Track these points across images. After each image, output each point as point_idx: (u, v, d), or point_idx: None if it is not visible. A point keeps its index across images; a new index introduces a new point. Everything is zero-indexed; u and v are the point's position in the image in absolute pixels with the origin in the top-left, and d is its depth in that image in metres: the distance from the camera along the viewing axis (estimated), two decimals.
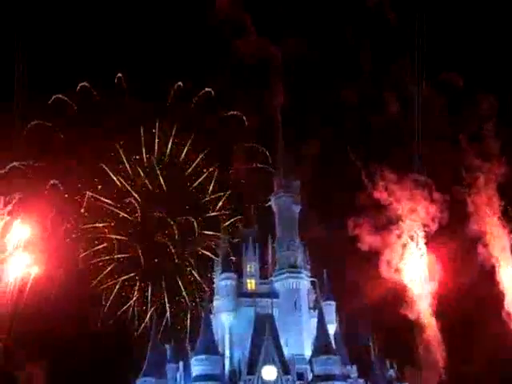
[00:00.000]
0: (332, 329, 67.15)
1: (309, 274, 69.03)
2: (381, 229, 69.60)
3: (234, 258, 69.65)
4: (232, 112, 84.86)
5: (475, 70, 75.87)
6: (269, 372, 61.01)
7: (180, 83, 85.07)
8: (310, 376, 62.64)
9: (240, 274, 68.89)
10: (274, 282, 68.66)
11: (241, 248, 70.82)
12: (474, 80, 75.12)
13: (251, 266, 69.53)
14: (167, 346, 68.56)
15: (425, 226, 70.59)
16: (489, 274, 68.80)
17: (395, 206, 70.79)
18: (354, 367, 65.63)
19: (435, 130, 73.67)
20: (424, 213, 70.52)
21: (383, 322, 70.35)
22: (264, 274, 69.77)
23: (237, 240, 72.82)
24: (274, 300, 66.80)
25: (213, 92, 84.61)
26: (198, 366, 61.82)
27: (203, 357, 61.84)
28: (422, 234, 70.70)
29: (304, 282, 68.28)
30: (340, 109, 78.39)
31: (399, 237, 70.64)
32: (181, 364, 65.40)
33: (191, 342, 66.40)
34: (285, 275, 67.98)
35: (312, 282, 69.29)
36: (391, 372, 66.99)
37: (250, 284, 68.94)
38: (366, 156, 73.71)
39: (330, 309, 68.56)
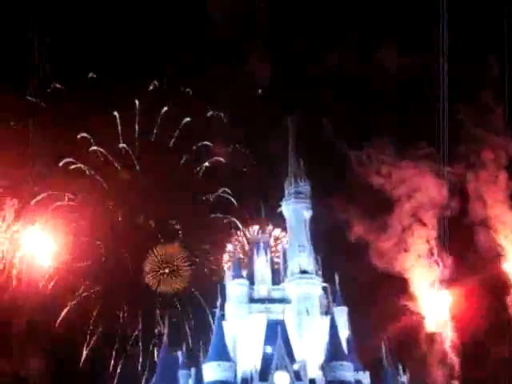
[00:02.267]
0: (344, 334, 66.87)
1: (321, 280, 68.73)
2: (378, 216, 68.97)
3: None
4: (211, 112, 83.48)
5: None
6: (281, 378, 60.86)
7: (156, 82, 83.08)
8: (322, 382, 62.37)
9: (251, 279, 68.78)
10: (286, 287, 68.36)
11: (252, 253, 70.74)
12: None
13: (263, 272, 69.39)
14: (179, 353, 68.46)
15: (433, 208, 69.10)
16: (493, 263, 67.07)
17: (394, 188, 69.66)
18: (367, 373, 65.17)
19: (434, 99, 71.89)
20: (431, 194, 68.78)
21: (395, 324, 70.09)
22: (276, 280, 69.56)
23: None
24: (286, 306, 66.68)
25: (191, 91, 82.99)
26: (209, 372, 61.82)
27: (215, 363, 61.85)
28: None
29: (316, 288, 67.96)
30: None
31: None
32: (193, 370, 65.14)
33: (204, 348, 66.20)
34: (296, 281, 67.71)
35: (324, 288, 69.02)
36: (404, 378, 66.59)
37: (262, 290, 68.68)
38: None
39: (342, 314, 68.34)
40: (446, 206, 68.97)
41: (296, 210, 71.37)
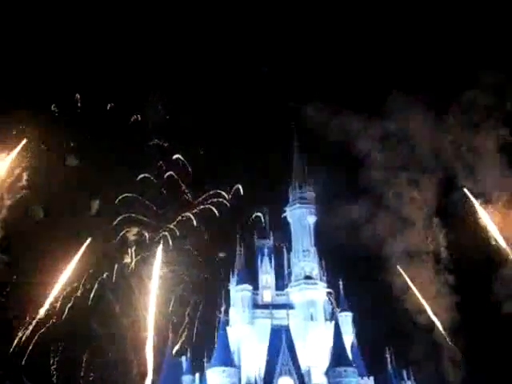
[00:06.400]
0: (348, 340, 66.82)
1: (325, 285, 68.76)
2: None
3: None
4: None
5: None
6: None
7: (112, 104, 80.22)
8: None
9: (256, 285, 68.85)
10: (290, 293, 68.53)
11: (256, 259, 70.80)
12: None
13: (267, 278, 69.57)
14: (183, 358, 68.40)
15: None
16: None
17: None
18: (371, 379, 65.17)
19: None
20: None
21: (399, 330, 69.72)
22: (280, 285, 69.63)
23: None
24: (290, 311, 66.63)
25: (139, 117, 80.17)
26: (214, 377, 61.89)
27: (220, 369, 61.93)
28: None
29: (320, 293, 68.00)
30: None
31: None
32: (197, 376, 65.23)
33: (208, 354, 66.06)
34: (301, 286, 67.82)
35: (328, 293, 69.01)
36: (408, 383, 66.43)
37: (266, 295, 68.89)
38: None
39: (346, 320, 68.35)
40: None
41: (300, 215, 71.51)
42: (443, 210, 68.32)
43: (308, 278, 68.30)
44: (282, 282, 69.91)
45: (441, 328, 65.88)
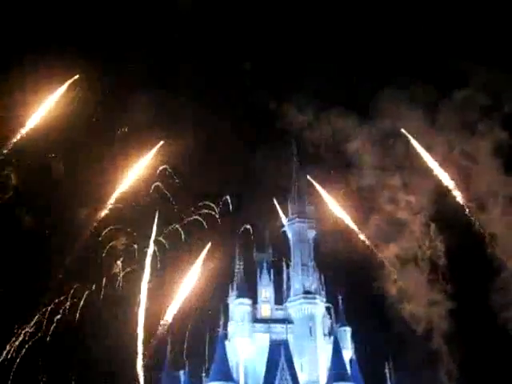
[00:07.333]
0: (348, 355, 66.62)
1: (324, 300, 68.65)
2: None
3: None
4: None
5: None
6: None
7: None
8: None
9: (255, 299, 68.73)
10: (289, 307, 68.40)
11: (255, 273, 70.68)
12: None
13: (266, 292, 69.45)
14: (181, 372, 68.08)
15: None
16: None
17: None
18: None
19: None
20: None
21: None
22: (279, 300, 69.50)
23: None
24: (289, 326, 66.60)
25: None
26: None
27: (218, 383, 61.60)
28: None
29: (319, 308, 67.90)
30: None
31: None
32: None
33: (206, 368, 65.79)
34: (300, 301, 67.71)
35: (327, 308, 68.85)
36: None
37: (265, 310, 68.79)
38: None
39: (345, 334, 68.17)
40: None
41: (299, 229, 71.42)
42: (440, 216, 67.68)
43: (307, 292, 68.23)
44: (280, 296, 69.84)
45: (438, 336, 65.41)
